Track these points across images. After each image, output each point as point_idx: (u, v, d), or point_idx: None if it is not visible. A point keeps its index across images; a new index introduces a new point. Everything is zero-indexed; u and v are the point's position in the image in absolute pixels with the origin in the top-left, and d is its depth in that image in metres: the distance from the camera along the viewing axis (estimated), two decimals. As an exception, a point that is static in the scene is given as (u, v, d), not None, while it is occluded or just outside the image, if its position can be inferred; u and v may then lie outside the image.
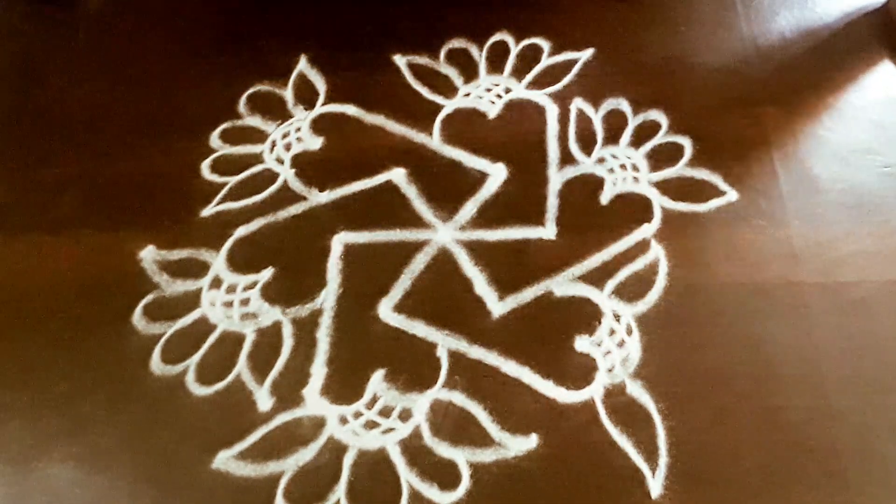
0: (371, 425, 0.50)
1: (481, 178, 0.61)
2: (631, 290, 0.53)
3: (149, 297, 0.57)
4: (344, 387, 0.52)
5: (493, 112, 0.65)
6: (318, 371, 0.52)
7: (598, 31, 0.69)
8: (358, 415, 0.50)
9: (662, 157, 0.60)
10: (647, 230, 0.56)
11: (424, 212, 0.59)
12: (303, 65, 0.70)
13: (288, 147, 0.65)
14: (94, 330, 0.56)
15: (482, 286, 0.55)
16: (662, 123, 0.62)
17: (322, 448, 0.49)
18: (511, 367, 0.51)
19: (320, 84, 0.68)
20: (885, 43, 0.65)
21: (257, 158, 0.64)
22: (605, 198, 0.59)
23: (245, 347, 0.54)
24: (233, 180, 0.63)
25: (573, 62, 0.67)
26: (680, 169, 0.60)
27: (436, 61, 0.68)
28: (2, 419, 0.53)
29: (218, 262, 0.58)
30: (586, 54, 0.67)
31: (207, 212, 0.61)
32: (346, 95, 0.67)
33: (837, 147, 0.59)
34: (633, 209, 0.58)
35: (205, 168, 0.64)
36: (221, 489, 0.48)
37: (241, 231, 0.60)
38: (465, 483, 0.46)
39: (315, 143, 0.65)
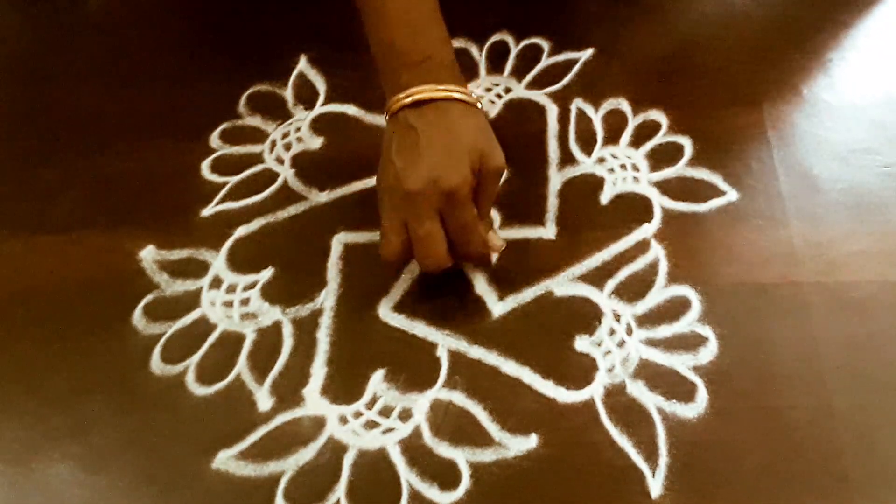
0: (371, 425, 0.50)
1: (481, 178, 0.61)
2: (631, 290, 0.53)
3: (149, 297, 0.57)
4: (344, 387, 0.52)
5: (493, 112, 0.65)
6: (318, 371, 0.52)
7: (598, 31, 0.69)
8: (358, 415, 0.50)
9: (662, 156, 0.60)
10: (647, 230, 0.56)
11: (424, 212, 0.59)
12: (303, 65, 0.70)
13: (288, 147, 0.65)
14: (94, 330, 0.56)
15: (482, 286, 0.55)
16: (662, 123, 0.62)
17: (322, 448, 0.49)
18: (511, 367, 0.51)
19: (320, 84, 0.68)
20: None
21: (257, 158, 0.64)
22: (605, 198, 0.59)
23: (245, 347, 0.54)
24: (233, 180, 0.63)
25: (573, 62, 0.67)
26: (680, 169, 0.60)
27: (436, 61, 0.68)
28: (1, 419, 0.53)
29: (218, 262, 0.58)
30: (586, 54, 0.67)
31: (207, 212, 0.61)
32: (346, 95, 0.67)
33: (837, 147, 0.59)
34: (633, 209, 0.58)
35: (205, 168, 0.64)
36: (221, 489, 0.48)
37: (241, 231, 0.60)
38: (465, 483, 0.46)
39: (315, 143, 0.65)
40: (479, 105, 0.52)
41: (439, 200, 0.48)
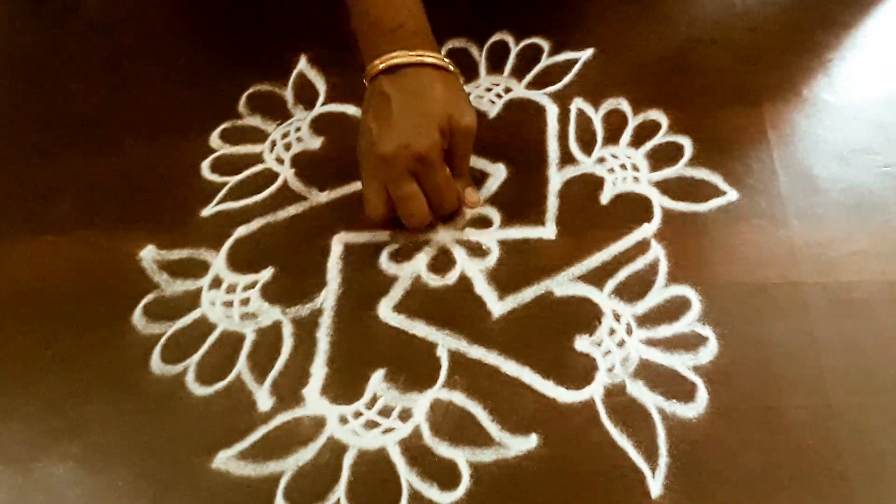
0: (371, 425, 0.50)
1: (481, 178, 0.61)
2: (631, 290, 0.53)
3: (149, 297, 0.57)
4: (344, 387, 0.51)
5: (493, 112, 0.65)
6: (318, 371, 0.52)
7: (598, 31, 0.69)
8: (358, 415, 0.50)
9: (662, 156, 0.60)
10: (647, 230, 0.56)
11: (424, 212, 0.59)
12: (303, 65, 0.70)
13: (288, 147, 0.65)
14: (93, 330, 0.56)
15: (482, 286, 0.55)
16: (662, 123, 0.62)
17: (322, 448, 0.49)
18: (511, 367, 0.51)
19: (320, 84, 0.68)
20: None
21: (257, 158, 0.64)
22: (605, 198, 0.59)
23: (245, 347, 0.54)
24: (233, 180, 0.63)
25: (573, 62, 0.67)
26: (680, 169, 0.60)
27: (436, 61, 0.68)
28: (2, 419, 0.53)
29: (218, 261, 0.58)
30: (586, 54, 0.67)
31: (207, 212, 0.61)
32: (346, 95, 0.67)
33: (837, 147, 0.59)
34: (633, 209, 0.58)
35: (205, 168, 0.64)
36: (221, 489, 0.48)
37: (241, 231, 0.60)
38: (465, 483, 0.46)
39: (315, 143, 0.65)
40: (450, 68, 0.54)
41: (412, 164, 0.51)
